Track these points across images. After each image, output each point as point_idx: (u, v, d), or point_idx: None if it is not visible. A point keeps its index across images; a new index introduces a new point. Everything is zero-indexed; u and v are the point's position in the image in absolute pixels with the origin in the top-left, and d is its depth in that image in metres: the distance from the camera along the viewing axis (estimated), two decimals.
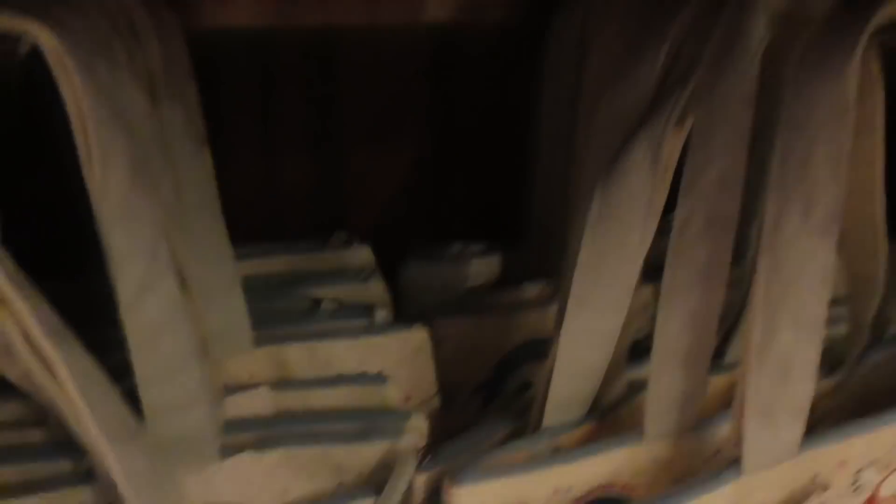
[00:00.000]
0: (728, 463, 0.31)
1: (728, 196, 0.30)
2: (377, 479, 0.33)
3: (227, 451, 0.32)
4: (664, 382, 0.32)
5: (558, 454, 0.33)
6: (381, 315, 0.40)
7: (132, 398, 0.27)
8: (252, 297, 0.37)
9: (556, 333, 0.33)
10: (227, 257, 0.35)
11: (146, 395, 0.28)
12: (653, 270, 0.41)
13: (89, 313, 0.26)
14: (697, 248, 0.30)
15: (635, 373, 0.39)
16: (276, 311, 0.40)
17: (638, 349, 0.42)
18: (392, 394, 0.37)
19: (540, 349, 0.39)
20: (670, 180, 0.30)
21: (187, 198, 0.33)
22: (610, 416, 0.36)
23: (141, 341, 0.27)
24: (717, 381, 0.38)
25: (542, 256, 0.46)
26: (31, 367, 0.22)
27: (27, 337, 0.22)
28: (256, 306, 0.37)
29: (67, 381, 0.22)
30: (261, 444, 0.32)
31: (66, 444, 0.31)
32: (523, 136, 0.45)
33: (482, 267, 0.47)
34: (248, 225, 0.37)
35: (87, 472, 0.30)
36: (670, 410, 0.33)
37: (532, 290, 0.44)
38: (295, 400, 0.36)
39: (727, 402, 0.34)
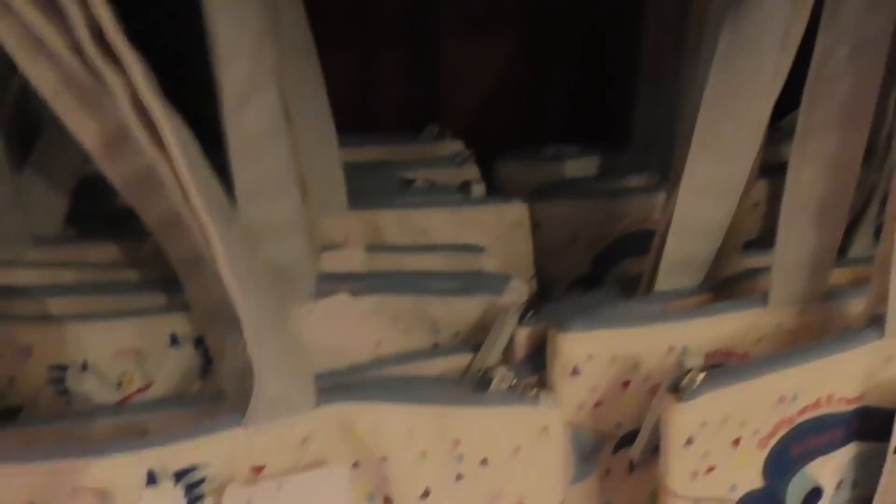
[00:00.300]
0: (869, 321, 0.28)
1: (878, 19, 0.27)
2: (475, 340, 0.31)
3: (323, 295, 0.30)
4: (793, 238, 0.29)
5: (673, 312, 0.31)
6: (478, 189, 0.38)
7: None
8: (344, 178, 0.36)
9: (674, 186, 0.31)
10: (324, 109, 0.34)
11: (245, 212, 0.27)
12: (768, 167, 0.38)
13: None
14: (840, 80, 0.27)
15: (751, 261, 0.36)
16: (368, 188, 0.38)
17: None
18: (489, 263, 0.35)
19: (642, 243, 0.37)
20: (811, 7, 0.28)
21: (287, 43, 0.32)
22: (726, 289, 0.33)
23: (242, 150, 0.26)
24: (841, 275, 0.35)
25: (645, 160, 0.44)
26: (136, 134, 0.21)
27: (135, 100, 0.21)
28: (349, 185, 0.36)
29: (173, 144, 0.21)
30: (356, 291, 0.31)
31: (159, 281, 0.31)
32: (628, 28, 0.43)
33: (579, 167, 0.45)
34: (341, 117, 0.35)
35: (182, 304, 0.30)
36: (798, 272, 0.30)
37: (636, 180, 0.42)
38: (389, 263, 0.34)
39: None
